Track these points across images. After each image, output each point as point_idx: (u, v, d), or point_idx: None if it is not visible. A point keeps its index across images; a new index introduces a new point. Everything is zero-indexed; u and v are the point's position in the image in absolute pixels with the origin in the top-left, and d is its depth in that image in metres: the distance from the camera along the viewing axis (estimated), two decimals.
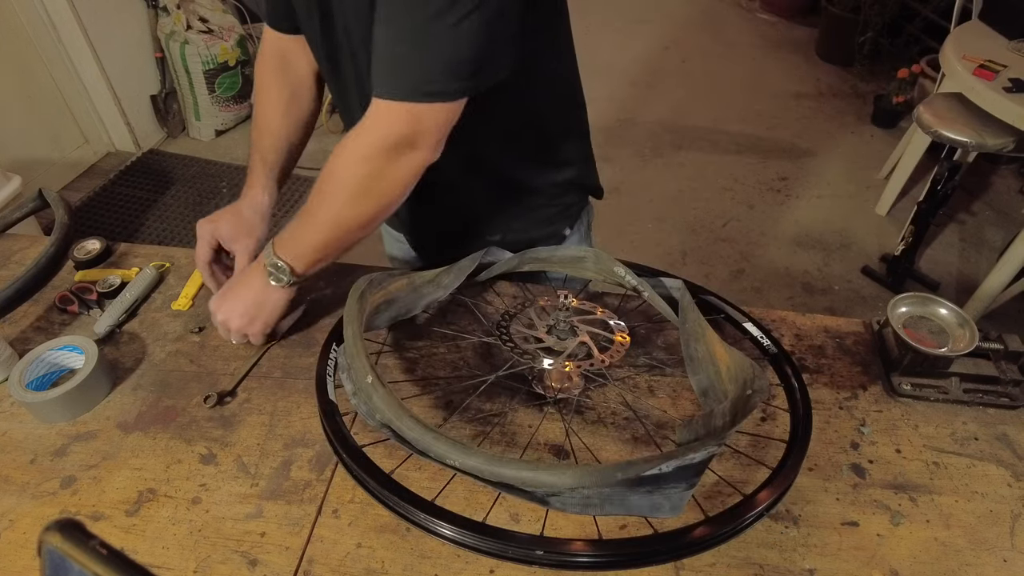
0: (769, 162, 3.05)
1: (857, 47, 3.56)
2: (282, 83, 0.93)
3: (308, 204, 0.76)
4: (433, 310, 0.92)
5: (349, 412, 0.68)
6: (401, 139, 0.69)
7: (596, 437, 0.76)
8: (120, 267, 0.98)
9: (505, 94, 0.72)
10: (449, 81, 0.65)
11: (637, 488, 0.58)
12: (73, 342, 0.81)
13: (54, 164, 2.80)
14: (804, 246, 2.60)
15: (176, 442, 0.75)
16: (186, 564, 0.64)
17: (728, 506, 0.62)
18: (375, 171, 0.71)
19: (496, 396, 0.80)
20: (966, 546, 0.66)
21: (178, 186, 2.86)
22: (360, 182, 0.72)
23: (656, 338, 0.89)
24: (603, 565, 0.58)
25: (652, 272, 0.87)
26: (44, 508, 0.68)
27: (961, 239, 2.63)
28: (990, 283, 2.15)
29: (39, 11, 2.57)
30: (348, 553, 0.64)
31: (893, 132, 3.21)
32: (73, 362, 0.82)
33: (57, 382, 0.81)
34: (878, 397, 0.81)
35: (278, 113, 0.93)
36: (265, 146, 0.93)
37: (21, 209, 1.03)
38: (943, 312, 0.84)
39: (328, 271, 0.98)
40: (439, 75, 0.65)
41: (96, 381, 0.78)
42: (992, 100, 1.93)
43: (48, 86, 2.70)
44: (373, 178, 0.71)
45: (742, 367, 0.70)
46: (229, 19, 3.05)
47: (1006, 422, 0.79)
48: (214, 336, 0.88)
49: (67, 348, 0.81)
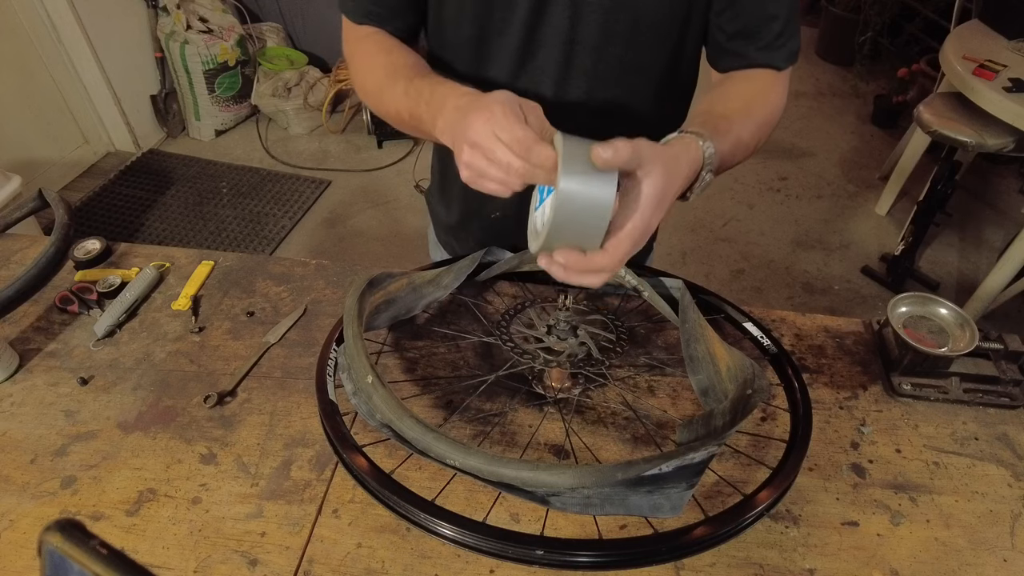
0: (769, 162, 3.06)
1: (857, 47, 3.56)
2: (385, 46, 0.78)
3: (731, 117, 0.70)
4: (433, 310, 0.92)
5: (349, 412, 0.68)
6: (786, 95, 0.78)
7: (596, 437, 0.76)
8: (120, 267, 0.98)
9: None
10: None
11: (637, 488, 0.58)
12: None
13: (54, 164, 2.80)
14: (804, 246, 2.60)
15: (176, 442, 0.75)
16: (186, 564, 0.64)
17: (728, 506, 0.62)
18: (780, 113, 0.78)
19: (496, 396, 0.80)
20: (966, 546, 0.66)
21: (178, 186, 2.86)
22: (775, 122, 0.77)
23: (656, 338, 0.89)
24: (603, 565, 0.58)
25: (652, 272, 0.87)
26: (44, 508, 0.68)
27: (961, 239, 2.63)
28: (990, 283, 2.15)
29: (39, 11, 2.57)
30: (348, 553, 0.64)
31: (893, 132, 3.21)
32: None
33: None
34: (878, 397, 0.81)
35: (404, 50, 0.77)
36: (422, 66, 0.74)
37: (21, 209, 1.03)
38: (943, 312, 0.84)
39: (328, 271, 0.98)
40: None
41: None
42: (992, 100, 1.93)
43: (48, 86, 2.70)
44: (777, 119, 0.78)
45: (742, 367, 0.70)
46: (229, 19, 3.05)
47: (1006, 422, 0.79)
48: (214, 336, 0.88)
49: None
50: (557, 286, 0.97)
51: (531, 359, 0.74)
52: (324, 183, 2.88)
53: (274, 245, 2.58)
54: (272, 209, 2.74)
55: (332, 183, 2.89)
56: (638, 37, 0.76)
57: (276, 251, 2.56)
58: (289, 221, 2.68)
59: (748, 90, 0.76)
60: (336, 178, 2.92)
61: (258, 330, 0.89)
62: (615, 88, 0.80)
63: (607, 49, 0.76)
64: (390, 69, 0.74)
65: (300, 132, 3.18)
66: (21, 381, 0.82)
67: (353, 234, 2.64)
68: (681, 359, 0.78)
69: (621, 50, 0.76)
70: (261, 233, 2.63)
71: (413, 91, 0.70)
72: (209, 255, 1.00)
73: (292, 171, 2.95)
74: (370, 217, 2.72)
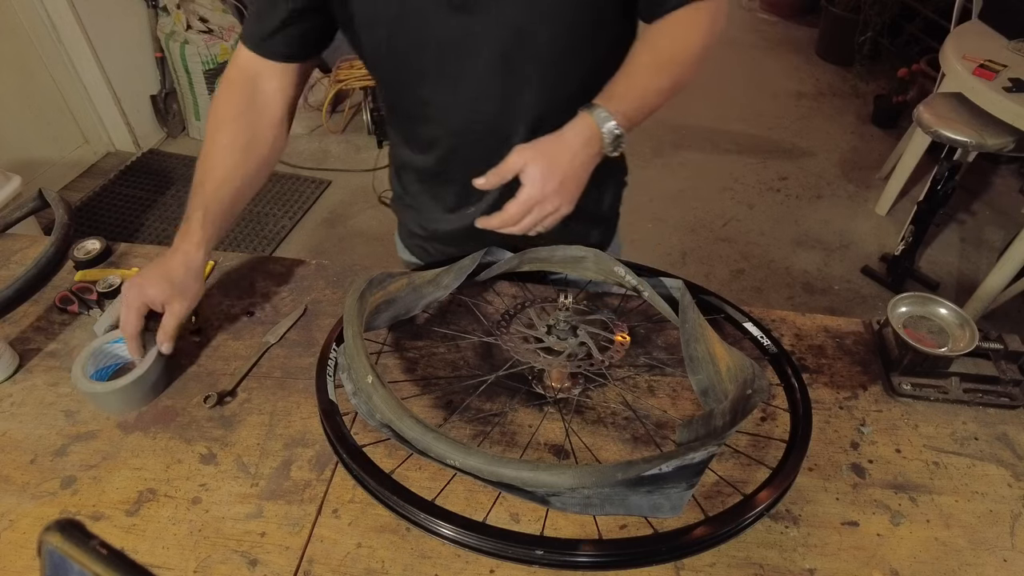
0: (769, 162, 3.06)
1: (857, 47, 3.56)
2: (243, 122, 0.84)
3: (636, 73, 0.78)
4: (433, 310, 0.92)
5: (349, 412, 0.68)
6: (721, 17, 0.81)
7: (596, 437, 0.76)
8: (120, 267, 0.98)
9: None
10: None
11: (637, 488, 0.58)
12: None
13: (54, 164, 2.80)
14: (804, 246, 2.60)
15: (176, 442, 0.75)
16: (186, 564, 0.64)
17: (728, 506, 0.62)
18: (709, 44, 0.81)
19: (496, 396, 0.80)
20: (966, 546, 0.66)
21: (178, 186, 2.86)
22: (701, 56, 0.80)
23: (656, 338, 0.89)
24: (603, 565, 0.58)
25: (652, 272, 0.87)
26: (44, 508, 0.68)
27: (961, 239, 2.63)
28: (990, 283, 2.15)
29: (39, 11, 2.57)
30: (348, 553, 0.64)
31: (893, 132, 3.21)
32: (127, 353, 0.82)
33: (117, 373, 0.81)
34: (878, 397, 0.81)
35: (232, 158, 0.84)
36: (208, 193, 0.83)
37: (21, 209, 1.03)
38: (943, 312, 0.84)
39: (328, 271, 0.98)
40: None
41: (156, 373, 0.79)
42: (992, 100, 1.93)
43: (48, 86, 2.70)
44: (706, 51, 0.81)
45: (742, 367, 0.70)
46: (229, 19, 3.05)
47: (1006, 422, 0.79)
48: (214, 336, 0.88)
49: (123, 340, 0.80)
50: (557, 286, 0.97)
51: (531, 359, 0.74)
52: (324, 183, 2.88)
53: (274, 245, 2.58)
54: (272, 209, 2.74)
55: (332, 183, 2.89)
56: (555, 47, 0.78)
57: (276, 251, 2.56)
58: (289, 221, 2.68)
59: (654, 35, 0.79)
60: (336, 178, 2.92)
61: (258, 330, 0.89)
62: (548, 93, 0.82)
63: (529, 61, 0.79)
64: (210, 145, 0.85)
65: (300, 132, 3.18)
66: (21, 381, 0.82)
67: (353, 234, 2.64)
68: (681, 359, 0.78)
69: (543, 64, 0.79)
70: (261, 233, 2.63)
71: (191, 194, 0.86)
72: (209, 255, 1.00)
73: (292, 171, 2.95)
74: (370, 217, 2.72)
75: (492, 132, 0.83)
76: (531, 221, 0.75)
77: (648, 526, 0.65)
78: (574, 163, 0.74)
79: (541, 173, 0.73)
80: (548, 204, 0.74)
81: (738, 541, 0.65)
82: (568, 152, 0.74)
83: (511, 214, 0.75)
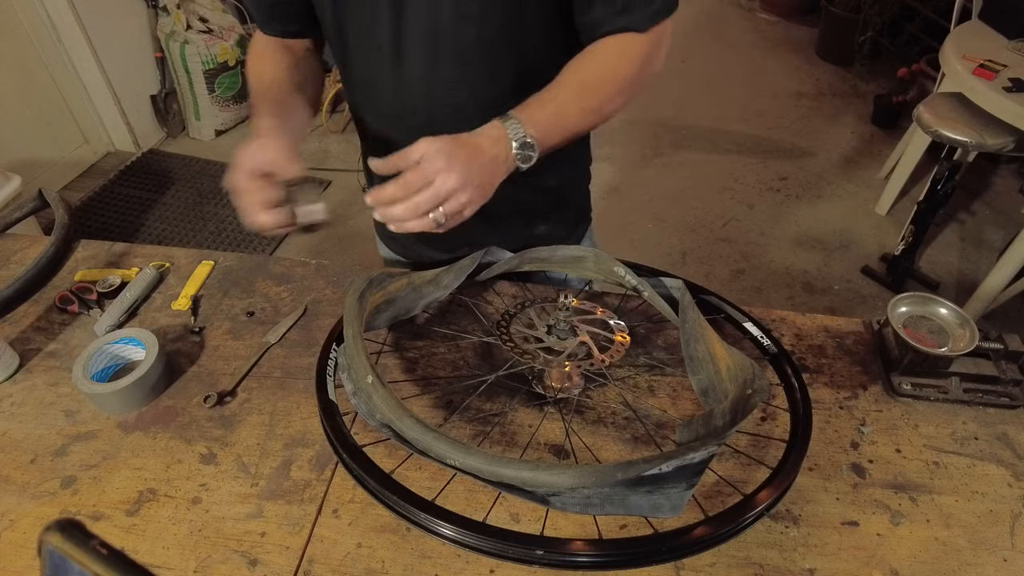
0: (769, 162, 3.05)
1: (857, 47, 3.56)
2: (283, 51, 0.89)
3: (557, 90, 0.78)
4: (433, 310, 0.92)
5: (349, 412, 0.68)
6: (659, 55, 0.82)
7: (596, 437, 0.76)
8: (120, 267, 0.98)
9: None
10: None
11: (637, 488, 0.58)
12: (132, 335, 0.81)
13: (54, 164, 2.80)
14: (804, 246, 2.60)
15: (176, 442, 0.75)
16: (186, 564, 0.64)
17: (728, 506, 0.62)
18: (638, 77, 0.80)
19: (496, 396, 0.80)
20: (966, 546, 0.66)
21: (178, 186, 2.86)
22: (626, 86, 0.80)
23: (656, 338, 0.89)
24: (603, 565, 0.58)
25: (652, 272, 0.87)
26: (44, 508, 0.68)
27: (961, 239, 2.63)
28: (990, 283, 2.15)
29: (39, 11, 2.57)
30: (348, 553, 0.64)
31: (893, 132, 3.21)
32: (133, 354, 0.83)
33: (118, 374, 0.82)
34: (878, 397, 0.81)
35: (282, 65, 0.87)
36: (267, 92, 0.83)
37: (21, 209, 1.03)
38: (943, 312, 0.84)
39: (328, 271, 0.98)
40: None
41: (158, 373, 0.79)
42: (992, 100, 1.93)
43: (48, 86, 2.70)
44: (633, 83, 0.80)
45: (742, 367, 0.70)
46: (229, 19, 3.05)
47: (1006, 422, 0.79)
48: (214, 336, 0.88)
49: (125, 341, 0.81)
50: (557, 286, 0.97)
51: (531, 359, 0.74)
52: (324, 183, 2.88)
53: (274, 245, 2.58)
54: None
55: (332, 183, 2.89)
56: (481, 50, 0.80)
57: (276, 251, 2.56)
58: None
59: (584, 57, 0.79)
60: (336, 178, 2.92)
61: (258, 330, 0.89)
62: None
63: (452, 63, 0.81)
64: (256, 79, 0.87)
65: None
66: (21, 381, 0.82)
67: (353, 234, 2.64)
68: (681, 359, 0.78)
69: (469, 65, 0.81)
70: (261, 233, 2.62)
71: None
72: (209, 255, 1.00)
73: None
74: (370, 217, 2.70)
75: (428, 128, 0.78)
76: (430, 196, 0.68)
77: (648, 526, 0.65)
78: (481, 158, 0.71)
79: (445, 156, 0.68)
80: (451, 181, 0.68)
81: (738, 541, 0.65)
82: (472, 145, 0.72)
83: (408, 180, 0.68)
